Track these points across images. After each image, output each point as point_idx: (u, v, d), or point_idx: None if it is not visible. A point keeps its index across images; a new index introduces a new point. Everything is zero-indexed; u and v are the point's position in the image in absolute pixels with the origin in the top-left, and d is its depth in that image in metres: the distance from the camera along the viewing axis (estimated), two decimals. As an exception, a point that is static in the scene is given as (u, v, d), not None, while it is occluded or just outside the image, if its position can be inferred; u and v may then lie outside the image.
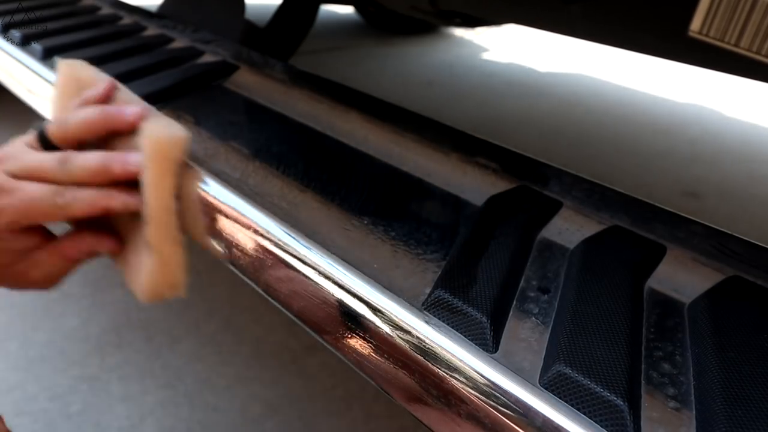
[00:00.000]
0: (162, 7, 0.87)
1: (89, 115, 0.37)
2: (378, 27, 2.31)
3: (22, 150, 0.37)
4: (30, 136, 0.38)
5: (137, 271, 0.37)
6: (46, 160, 0.36)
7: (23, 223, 0.36)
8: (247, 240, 0.35)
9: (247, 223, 0.35)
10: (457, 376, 0.26)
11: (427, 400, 0.27)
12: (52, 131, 0.37)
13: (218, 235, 0.37)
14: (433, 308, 0.28)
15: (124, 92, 0.41)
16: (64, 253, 0.39)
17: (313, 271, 0.32)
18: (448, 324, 0.27)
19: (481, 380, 0.25)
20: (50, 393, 0.72)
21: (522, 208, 0.37)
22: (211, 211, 0.37)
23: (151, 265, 0.35)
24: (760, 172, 1.40)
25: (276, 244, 0.34)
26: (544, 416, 0.24)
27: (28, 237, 0.38)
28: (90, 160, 0.35)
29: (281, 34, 1.00)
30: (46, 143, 0.38)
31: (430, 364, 0.27)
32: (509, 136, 1.46)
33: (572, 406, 0.24)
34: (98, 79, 0.41)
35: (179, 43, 0.65)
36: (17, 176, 0.36)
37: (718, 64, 0.46)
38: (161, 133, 0.35)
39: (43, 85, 0.55)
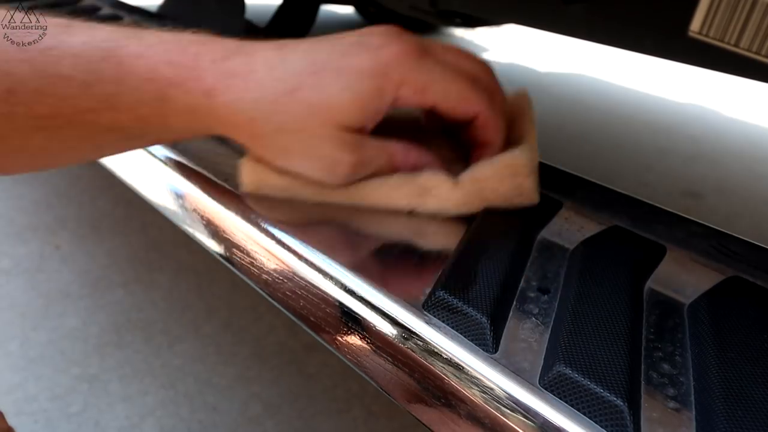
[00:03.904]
0: (162, 7, 0.87)
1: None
2: (378, 27, 2.31)
3: None
4: None
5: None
6: None
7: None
8: (246, 240, 0.35)
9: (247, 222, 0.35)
10: (457, 376, 0.26)
11: (427, 400, 0.27)
12: None
13: (218, 235, 0.37)
14: (433, 309, 0.28)
15: None
16: (391, 153, 0.34)
17: (312, 270, 0.32)
18: (448, 324, 0.27)
19: (481, 380, 0.25)
20: (50, 393, 0.72)
21: (521, 207, 0.37)
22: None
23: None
24: (760, 171, 1.40)
25: (276, 243, 0.34)
26: (544, 417, 0.24)
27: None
28: None
29: (281, 34, 1.00)
30: None
31: (430, 365, 0.27)
32: (509, 136, 1.46)
33: (572, 406, 0.24)
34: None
35: (179, 43, 0.65)
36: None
37: (718, 64, 0.46)
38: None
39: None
